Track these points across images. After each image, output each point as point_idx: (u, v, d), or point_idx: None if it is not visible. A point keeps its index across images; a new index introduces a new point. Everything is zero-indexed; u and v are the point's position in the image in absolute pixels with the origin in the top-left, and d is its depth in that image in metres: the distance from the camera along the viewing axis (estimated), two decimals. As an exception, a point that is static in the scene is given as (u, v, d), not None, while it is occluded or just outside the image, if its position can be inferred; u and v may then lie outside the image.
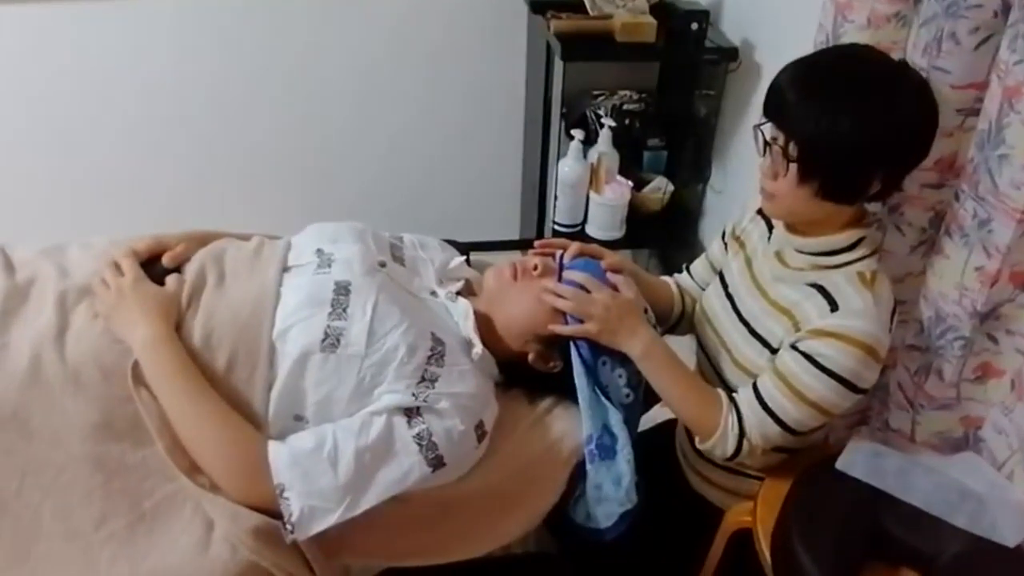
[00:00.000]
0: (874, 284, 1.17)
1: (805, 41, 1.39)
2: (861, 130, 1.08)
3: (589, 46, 2.13)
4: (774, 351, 1.22)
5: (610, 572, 1.48)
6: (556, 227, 2.38)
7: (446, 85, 2.56)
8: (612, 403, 1.27)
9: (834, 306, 1.16)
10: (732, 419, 1.21)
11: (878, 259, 1.22)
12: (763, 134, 1.18)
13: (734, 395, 1.24)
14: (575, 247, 1.36)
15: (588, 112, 2.40)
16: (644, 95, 2.44)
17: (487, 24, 2.45)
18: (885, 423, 1.44)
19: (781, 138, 1.14)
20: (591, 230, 2.36)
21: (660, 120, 2.47)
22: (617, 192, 2.30)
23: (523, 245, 2.58)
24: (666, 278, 1.56)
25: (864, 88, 1.09)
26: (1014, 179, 1.10)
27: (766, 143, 1.18)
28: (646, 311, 1.33)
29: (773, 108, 1.16)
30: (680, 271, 1.58)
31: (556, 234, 2.36)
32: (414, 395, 1.15)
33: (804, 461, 1.30)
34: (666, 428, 1.58)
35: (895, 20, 1.25)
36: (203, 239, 1.35)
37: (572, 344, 1.27)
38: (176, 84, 2.41)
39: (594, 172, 2.29)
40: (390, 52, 2.47)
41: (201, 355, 1.15)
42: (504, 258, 1.43)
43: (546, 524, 1.33)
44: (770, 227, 1.34)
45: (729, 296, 1.36)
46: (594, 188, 2.31)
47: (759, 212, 1.38)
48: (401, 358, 1.16)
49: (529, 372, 1.34)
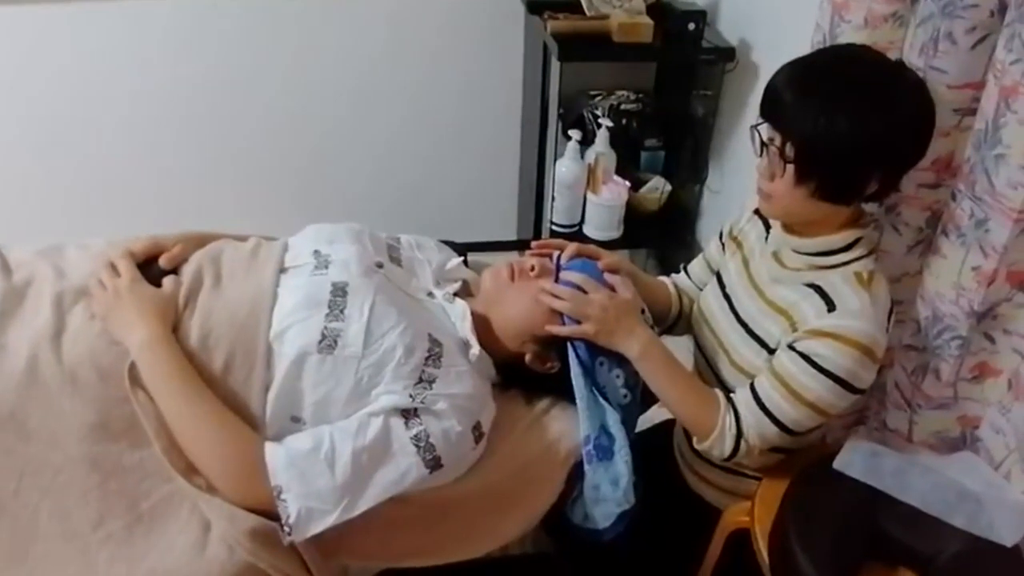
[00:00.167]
0: (871, 284, 1.17)
1: (802, 41, 1.40)
2: (858, 130, 1.07)
3: (586, 46, 2.13)
4: (771, 351, 1.23)
5: (608, 572, 1.48)
6: (553, 227, 2.37)
7: (443, 85, 2.55)
8: (610, 404, 1.27)
9: (831, 306, 1.16)
10: (730, 419, 1.21)
11: (875, 259, 1.22)
12: (760, 134, 1.18)
13: (731, 395, 1.24)
14: (572, 247, 1.36)
15: (585, 112, 2.39)
16: (641, 95, 2.44)
17: (484, 24, 2.45)
18: (882, 423, 1.44)
19: (778, 138, 1.14)
20: (588, 230, 2.35)
21: (657, 120, 2.46)
22: (614, 192, 2.30)
23: (520, 246, 2.58)
24: (663, 278, 1.56)
25: (861, 88, 1.09)
26: (1011, 179, 1.10)
27: (763, 143, 1.17)
28: (643, 311, 1.33)
29: (770, 108, 1.15)
30: (677, 271, 1.58)
31: (553, 234, 2.36)
32: (411, 396, 1.15)
33: (802, 461, 1.30)
34: (664, 428, 1.58)
35: (892, 20, 1.26)
36: (200, 240, 1.35)
37: (569, 345, 1.27)
38: (172, 85, 2.41)
39: (591, 172, 2.29)
40: (386, 53, 2.46)
41: (198, 356, 1.15)
42: (501, 259, 1.42)
43: (544, 525, 1.33)
44: (767, 227, 1.34)
45: (727, 296, 1.36)
46: (591, 188, 2.31)
47: (756, 212, 1.38)
48: (398, 359, 1.15)
49: (526, 373, 1.33)
